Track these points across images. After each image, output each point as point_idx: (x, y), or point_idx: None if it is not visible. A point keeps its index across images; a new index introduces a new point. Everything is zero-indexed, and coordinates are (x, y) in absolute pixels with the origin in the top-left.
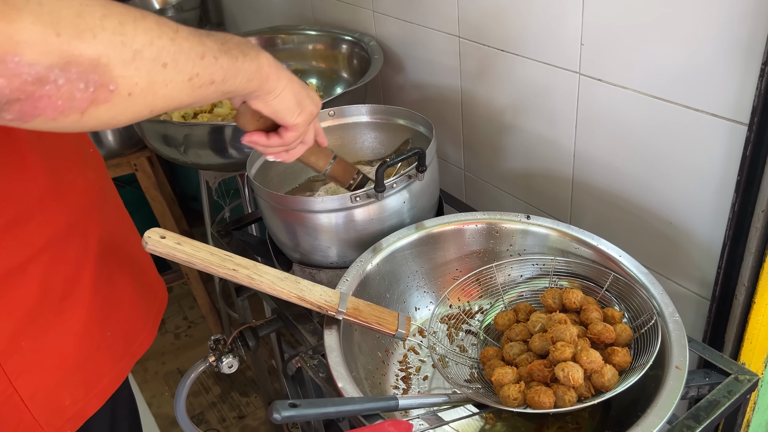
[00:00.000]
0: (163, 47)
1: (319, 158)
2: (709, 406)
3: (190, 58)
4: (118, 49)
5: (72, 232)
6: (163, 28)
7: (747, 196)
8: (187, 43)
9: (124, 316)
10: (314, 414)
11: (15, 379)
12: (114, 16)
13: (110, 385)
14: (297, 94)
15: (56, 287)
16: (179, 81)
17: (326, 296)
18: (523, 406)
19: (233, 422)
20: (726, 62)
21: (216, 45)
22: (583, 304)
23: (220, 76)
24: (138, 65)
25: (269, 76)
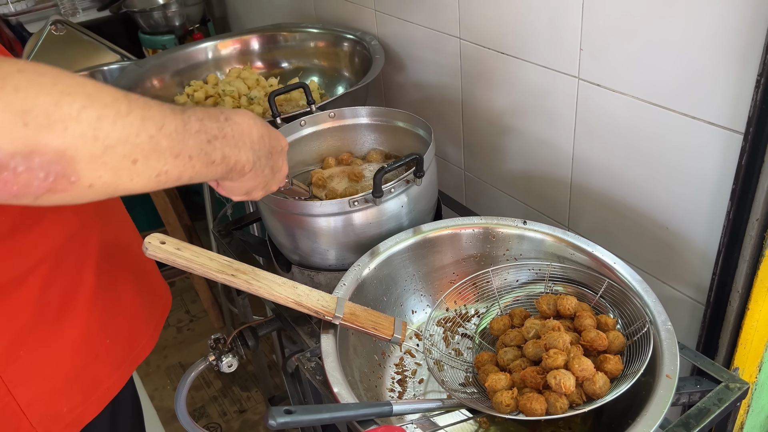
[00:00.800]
0: (138, 145)
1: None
2: (700, 413)
3: (164, 156)
4: (89, 143)
5: (71, 243)
6: (147, 124)
7: (742, 204)
8: (167, 142)
9: (125, 323)
10: (309, 420)
11: (13, 387)
12: (94, 108)
13: (109, 391)
14: (251, 187)
15: (55, 297)
16: (145, 177)
17: (323, 301)
18: (515, 412)
19: (234, 416)
20: (723, 71)
21: (198, 145)
22: (577, 311)
23: (188, 175)
24: (106, 160)
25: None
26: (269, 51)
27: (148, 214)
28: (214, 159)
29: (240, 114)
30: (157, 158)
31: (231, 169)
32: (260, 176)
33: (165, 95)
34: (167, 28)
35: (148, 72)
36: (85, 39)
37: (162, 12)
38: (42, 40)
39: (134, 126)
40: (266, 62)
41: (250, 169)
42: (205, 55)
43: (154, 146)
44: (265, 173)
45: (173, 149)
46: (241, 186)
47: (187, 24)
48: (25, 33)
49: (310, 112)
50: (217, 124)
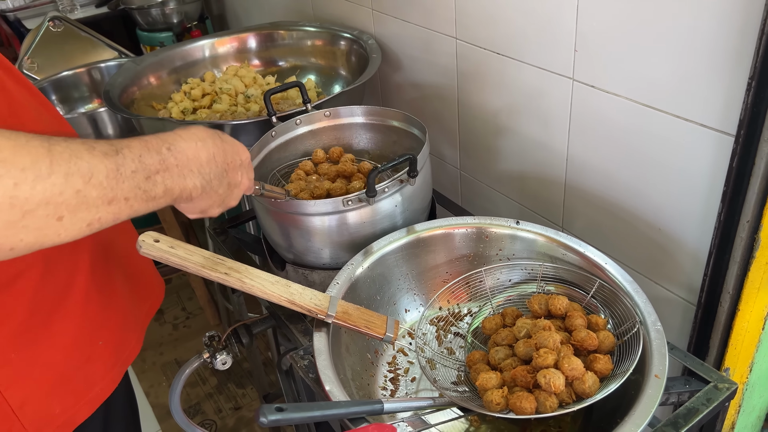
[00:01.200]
0: (62, 203)
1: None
2: (688, 413)
3: (95, 206)
4: (6, 212)
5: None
6: (72, 179)
7: (733, 206)
8: (97, 192)
9: (116, 325)
10: (300, 418)
11: (5, 389)
12: (9, 176)
13: (102, 392)
14: (205, 207)
15: (46, 301)
16: (75, 229)
17: (316, 300)
18: (505, 410)
19: (229, 413)
20: (716, 74)
21: (135, 185)
22: (568, 311)
23: (126, 214)
24: (26, 224)
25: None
26: (266, 49)
27: None
28: (154, 194)
29: (187, 138)
30: (86, 209)
31: (177, 197)
32: (213, 196)
33: (162, 93)
34: (165, 25)
35: (145, 69)
36: (82, 35)
37: (160, 9)
38: (39, 37)
39: (57, 185)
40: (263, 60)
41: (199, 194)
42: (202, 53)
43: (82, 200)
44: (219, 192)
45: (105, 197)
46: (194, 207)
47: (184, 21)
48: (23, 29)
49: (306, 110)
50: (158, 157)
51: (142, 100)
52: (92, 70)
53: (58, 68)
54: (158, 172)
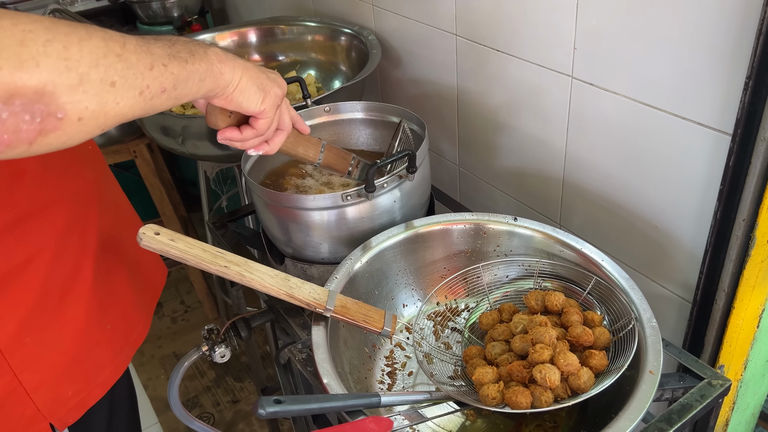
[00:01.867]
0: (110, 66)
1: (307, 148)
2: (682, 409)
3: (139, 71)
4: (64, 74)
5: (71, 231)
6: (110, 44)
7: (729, 205)
8: (135, 57)
9: (122, 309)
10: (298, 410)
11: (20, 372)
12: (58, 40)
13: (111, 376)
14: (256, 80)
15: (57, 284)
16: (130, 97)
17: (315, 294)
18: (501, 405)
19: (227, 406)
20: (713, 73)
21: (164, 51)
22: (564, 307)
23: (171, 82)
24: (86, 88)
25: (222, 71)
26: (266, 44)
27: (144, 204)
28: (185, 58)
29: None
30: (134, 75)
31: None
32: (250, 70)
33: None
34: (165, 18)
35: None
36: None
37: (160, 3)
38: None
39: (99, 48)
40: (263, 55)
41: (225, 57)
42: None
43: (126, 63)
44: (246, 64)
45: (144, 61)
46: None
47: (185, 15)
48: None
49: (306, 106)
50: (164, 36)
51: None
52: None
53: None
54: (174, 43)
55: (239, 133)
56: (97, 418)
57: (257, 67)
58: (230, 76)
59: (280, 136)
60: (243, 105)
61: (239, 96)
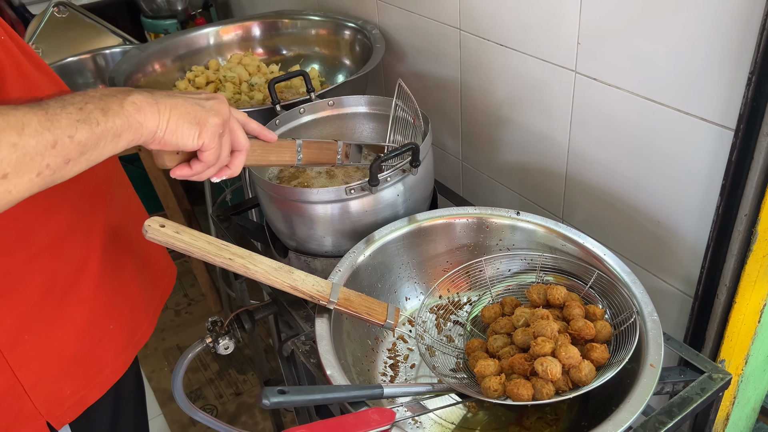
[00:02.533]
0: (2, 159)
1: (281, 154)
2: (683, 402)
3: (38, 153)
4: None
5: (76, 231)
6: (5, 135)
7: (731, 200)
8: (34, 140)
9: (127, 309)
10: (301, 401)
11: (18, 370)
12: None
13: (112, 375)
14: (187, 116)
15: (59, 284)
16: (25, 182)
17: (318, 287)
18: (503, 397)
19: (230, 399)
20: (716, 69)
21: (71, 119)
22: (566, 300)
23: (77, 151)
24: None
25: (142, 121)
26: (270, 38)
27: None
28: (97, 120)
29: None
30: (30, 160)
31: (127, 117)
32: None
33: (166, 80)
34: (170, 12)
35: (149, 56)
36: (87, 21)
37: None
38: (44, 22)
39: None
40: (267, 49)
41: (146, 102)
42: (206, 41)
43: (21, 152)
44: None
45: (46, 141)
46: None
47: (189, 9)
48: (28, 14)
49: (310, 99)
50: (77, 95)
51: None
52: (97, 56)
53: (62, 54)
54: (86, 102)
55: (190, 169)
56: (101, 412)
57: (190, 99)
58: (155, 123)
59: (239, 158)
60: (179, 144)
61: (171, 137)
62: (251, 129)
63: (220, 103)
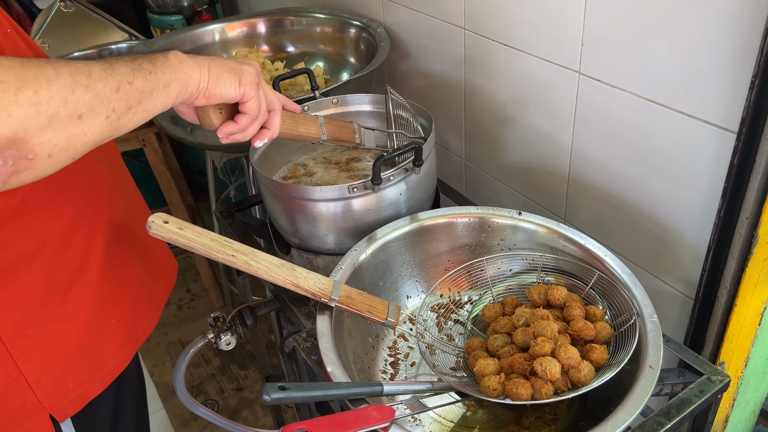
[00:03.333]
0: (77, 100)
1: (308, 126)
2: (681, 404)
3: (105, 96)
4: (34, 119)
5: (78, 226)
6: (77, 77)
7: (733, 203)
8: (101, 83)
9: (128, 304)
10: (302, 397)
11: (21, 363)
12: (28, 86)
13: (114, 369)
14: (224, 67)
15: (62, 278)
16: (96, 124)
17: (320, 284)
18: (502, 396)
19: (231, 394)
20: (720, 71)
21: (127, 68)
22: (566, 301)
23: (136, 98)
24: (54, 127)
25: (187, 71)
26: (276, 35)
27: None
28: (148, 69)
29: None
30: (99, 102)
31: (172, 67)
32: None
33: None
34: (175, 8)
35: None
36: (93, 17)
37: None
38: (51, 17)
39: (67, 85)
40: (272, 46)
41: (186, 57)
42: (212, 37)
43: (92, 93)
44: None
45: (110, 86)
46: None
47: (195, 4)
48: (35, 8)
49: (314, 97)
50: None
51: None
52: (103, 51)
53: (68, 49)
54: (135, 58)
55: (236, 124)
56: (103, 406)
57: (219, 57)
58: (197, 74)
59: (275, 117)
60: (223, 94)
61: (215, 87)
62: (278, 97)
63: (250, 61)
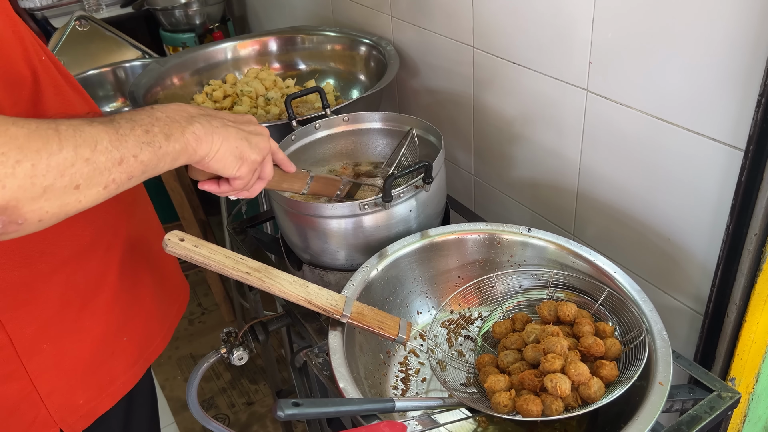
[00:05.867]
0: (76, 172)
1: (292, 183)
2: (691, 420)
3: (107, 168)
4: (28, 190)
5: (97, 246)
6: (80, 151)
7: (741, 219)
8: (105, 156)
9: (141, 323)
10: (315, 413)
11: (35, 378)
12: (28, 159)
13: (123, 386)
14: (235, 151)
15: (77, 296)
16: (93, 193)
17: (332, 300)
18: (513, 412)
19: (242, 408)
20: (727, 90)
21: (138, 141)
22: (576, 317)
23: (140, 170)
24: (48, 197)
25: (197, 149)
26: (287, 52)
27: (163, 208)
28: (159, 144)
29: (165, 104)
30: (99, 174)
31: (185, 145)
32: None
33: (184, 93)
34: (188, 26)
35: (169, 70)
36: (107, 35)
37: (183, 10)
38: (66, 35)
39: (68, 159)
40: (284, 63)
41: (204, 132)
42: (224, 55)
43: (93, 167)
44: (231, 132)
45: (113, 159)
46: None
47: (207, 23)
48: (50, 27)
49: (325, 115)
50: (146, 114)
51: (165, 101)
52: (117, 69)
53: (83, 67)
54: (152, 124)
55: (217, 186)
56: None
57: (241, 132)
58: (206, 150)
59: (259, 185)
60: (219, 171)
61: (215, 164)
62: (278, 159)
63: (264, 140)
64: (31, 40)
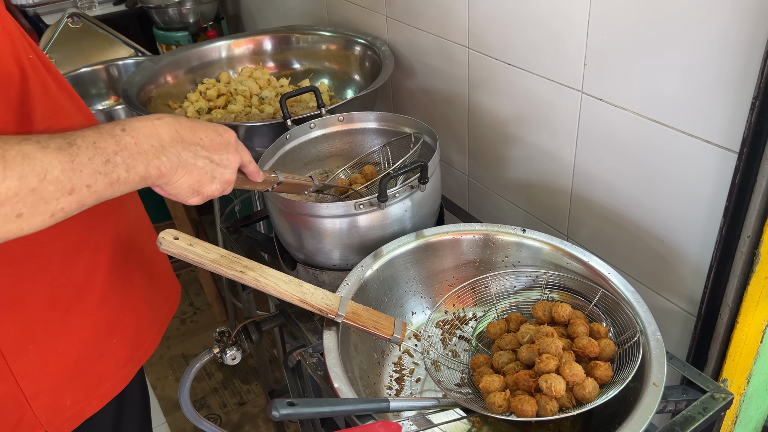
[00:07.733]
0: (18, 202)
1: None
2: (685, 421)
3: (54, 198)
4: None
5: (84, 246)
6: (26, 180)
7: (734, 221)
8: (54, 186)
9: (131, 325)
10: (310, 413)
11: (21, 379)
12: None
13: (112, 388)
14: (194, 185)
15: (64, 297)
16: (38, 222)
17: (327, 300)
18: (507, 413)
19: (234, 408)
20: (721, 92)
21: (94, 171)
22: (571, 318)
23: (92, 199)
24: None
25: (157, 180)
26: (281, 52)
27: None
28: (118, 177)
29: (142, 118)
30: (45, 203)
31: (146, 176)
32: (195, 171)
33: (178, 92)
34: (181, 24)
35: (162, 68)
36: (100, 32)
37: (177, 9)
38: (58, 32)
39: (11, 188)
40: (278, 63)
41: (170, 169)
42: (218, 54)
43: (39, 196)
44: (200, 166)
45: (63, 189)
46: (181, 186)
47: (201, 21)
48: (42, 24)
49: (320, 115)
50: (113, 139)
51: (159, 99)
52: (110, 67)
53: (76, 64)
54: (116, 153)
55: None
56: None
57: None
58: (165, 181)
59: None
60: (173, 197)
61: (170, 190)
62: (249, 171)
63: (232, 158)
64: (20, 37)
